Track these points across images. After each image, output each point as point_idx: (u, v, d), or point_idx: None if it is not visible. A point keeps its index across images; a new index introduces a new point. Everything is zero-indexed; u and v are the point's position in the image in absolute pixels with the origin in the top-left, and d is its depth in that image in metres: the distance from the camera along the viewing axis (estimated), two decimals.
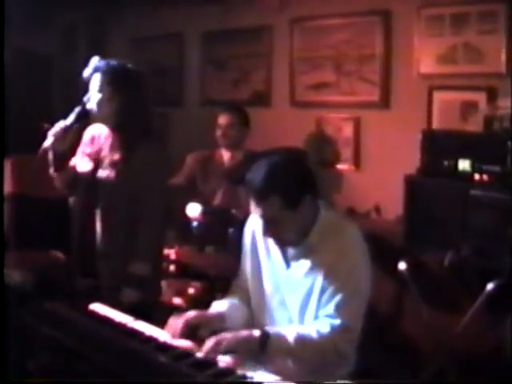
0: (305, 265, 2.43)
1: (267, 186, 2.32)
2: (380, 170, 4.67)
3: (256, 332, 2.28)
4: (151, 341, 2.31)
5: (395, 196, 4.05)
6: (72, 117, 3.13)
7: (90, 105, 3.15)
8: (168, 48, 6.15)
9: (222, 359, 2.17)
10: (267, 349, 2.25)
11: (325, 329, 2.31)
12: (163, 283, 3.71)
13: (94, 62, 3.17)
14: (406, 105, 4.57)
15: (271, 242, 2.52)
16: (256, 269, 2.58)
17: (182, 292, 3.81)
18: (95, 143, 3.29)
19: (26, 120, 5.03)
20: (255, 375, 2.07)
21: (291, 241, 2.44)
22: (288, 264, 2.48)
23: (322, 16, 4.99)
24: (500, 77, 4.07)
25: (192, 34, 5.97)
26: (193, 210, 3.87)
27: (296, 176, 2.39)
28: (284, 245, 2.47)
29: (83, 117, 3.16)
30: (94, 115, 3.18)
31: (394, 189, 4.05)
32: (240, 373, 2.08)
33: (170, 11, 5.93)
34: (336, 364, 2.39)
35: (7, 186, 4.52)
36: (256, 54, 5.47)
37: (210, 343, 2.22)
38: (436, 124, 4.38)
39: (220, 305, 2.58)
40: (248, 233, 2.64)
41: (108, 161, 3.19)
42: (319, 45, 5.02)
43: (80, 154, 3.32)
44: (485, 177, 3.63)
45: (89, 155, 3.27)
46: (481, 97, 4.15)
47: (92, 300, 2.69)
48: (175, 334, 2.36)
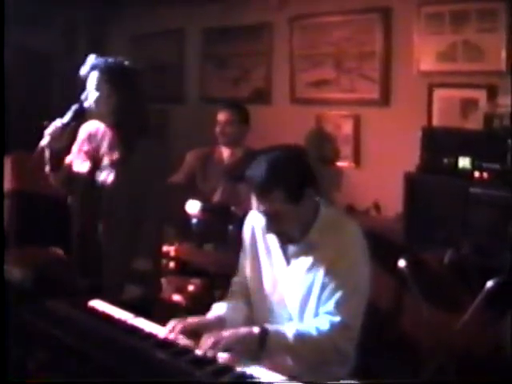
0: (305, 262, 2.43)
1: (269, 181, 2.31)
2: (380, 168, 4.67)
3: (255, 329, 2.28)
4: (151, 337, 2.31)
5: (395, 193, 4.05)
6: (69, 115, 3.12)
7: (88, 103, 3.14)
8: (168, 45, 6.15)
9: (221, 356, 2.17)
10: (266, 346, 2.24)
11: (324, 326, 2.30)
12: (163, 280, 3.71)
13: (91, 60, 3.17)
14: (406, 102, 4.56)
15: (271, 240, 2.52)
16: (255, 266, 2.58)
17: (182, 289, 3.80)
18: (92, 141, 3.27)
19: (26, 118, 5.03)
20: (255, 372, 2.07)
21: (293, 237, 2.44)
22: (288, 261, 2.48)
23: (322, 13, 4.98)
24: (500, 74, 4.06)
25: (192, 32, 5.97)
26: (192, 207, 3.87)
27: (297, 169, 2.39)
28: (286, 241, 2.47)
29: (80, 115, 3.15)
30: (92, 113, 3.18)
31: (394, 186, 4.05)
32: (239, 370, 2.08)
33: (171, 9, 5.93)
34: (335, 362, 2.39)
35: (7, 183, 4.52)
36: (256, 52, 5.47)
37: (208, 341, 2.21)
38: (436, 121, 4.38)
39: (220, 308, 2.56)
40: (247, 230, 2.64)
41: (107, 159, 3.18)
42: (319, 42, 5.02)
43: (76, 152, 3.30)
44: (485, 174, 3.63)
45: (86, 153, 3.26)
46: (481, 94, 4.14)
47: (92, 297, 2.69)
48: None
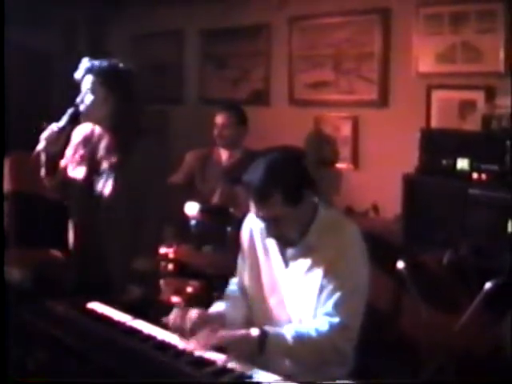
0: (303, 264, 2.42)
1: (268, 185, 2.30)
2: (378, 169, 4.67)
3: (254, 331, 2.27)
4: (150, 339, 2.32)
5: (393, 195, 4.05)
6: (65, 119, 3.10)
7: (84, 106, 3.10)
8: (168, 46, 6.16)
9: (218, 357, 2.17)
10: (266, 348, 2.24)
11: (323, 327, 2.30)
12: (162, 282, 3.71)
13: (85, 64, 3.13)
14: (405, 103, 4.57)
15: (269, 241, 2.51)
16: (254, 268, 2.57)
17: (181, 291, 3.80)
18: (88, 144, 3.23)
19: (26, 118, 5.02)
20: (254, 373, 2.07)
21: (292, 240, 2.43)
22: (286, 263, 2.48)
23: (321, 14, 4.99)
24: (498, 76, 4.07)
25: (192, 32, 5.97)
26: (191, 209, 3.87)
27: (295, 171, 2.38)
28: (285, 245, 2.46)
29: (76, 118, 3.12)
30: (88, 116, 3.13)
31: (393, 188, 4.06)
32: (239, 371, 2.08)
33: (170, 9, 5.93)
34: (335, 363, 2.39)
35: (7, 184, 4.51)
36: (255, 53, 5.47)
37: (201, 337, 2.21)
38: (434, 123, 4.38)
39: (219, 305, 2.58)
40: (246, 232, 2.64)
41: (106, 163, 3.14)
42: (318, 43, 5.02)
43: (70, 156, 3.25)
44: (483, 176, 3.63)
45: (82, 157, 3.22)
46: (479, 96, 4.15)
47: (92, 298, 2.69)
48: (180, 331, 2.34)
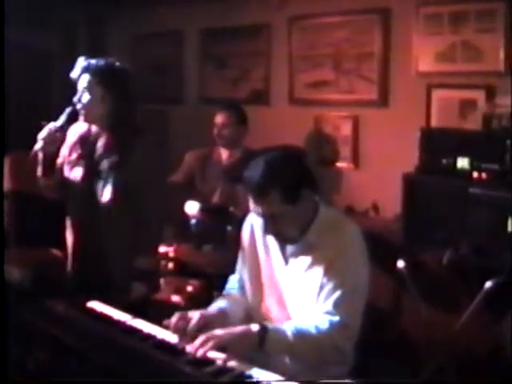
0: (303, 262, 2.43)
1: (266, 182, 2.31)
2: (378, 169, 4.67)
3: (254, 327, 2.26)
4: (150, 338, 2.31)
5: (394, 194, 4.05)
6: (62, 118, 3.09)
7: (81, 106, 3.09)
8: (167, 46, 6.15)
9: (218, 356, 2.17)
10: (266, 344, 2.23)
11: (324, 326, 2.30)
12: (162, 281, 3.71)
13: (81, 63, 3.11)
14: (405, 103, 4.57)
15: (270, 239, 2.51)
16: (254, 266, 2.58)
17: (181, 290, 3.80)
18: (85, 144, 3.19)
19: (26, 118, 5.02)
20: (254, 372, 2.07)
21: (291, 237, 2.44)
22: (286, 261, 2.48)
23: (321, 14, 4.99)
24: (499, 75, 4.07)
25: (191, 32, 5.97)
26: (191, 208, 3.87)
27: (294, 170, 2.38)
28: (284, 242, 2.47)
29: (73, 118, 3.11)
30: (86, 116, 3.11)
31: (393, 187, 4.06)
32: (239, 371, 2.08)
33: (170, 9, 5.93)
34: (334, 361, 2.38)
35: (7, 183, 4.52)
36: (255, 53, 5.47)
37: (199, 339, 2.18)
38: (434, 122, 4.38)
39: (220, 302, 2.58)
40: (246, 230, 2.64)
41: (106, 163, 3.11)
42: (318, 43, 5.02)
43: (67, 156, 3.23)
44: (483, 175, 3.63)
45: (79, 157, 3.18)
46: (479, 95, 4.15)
47: (92, 298, 2.69)
48: (181, 334, 2.31)
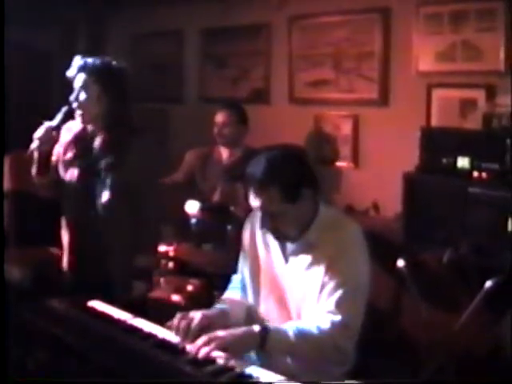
0: (304, 261, 2.43)
1: (267, 178, 2.32)
2: (379, 168, 4.67)
3: (256, 327, 2.26)
4: (150, 338, 2.31)
5: (394, 193, 4.05)
6: (58, 117, 3.08)
7: (77, 105, 3.07)
8: (168, 45, 6.15)
9: (218, 356, 2.16)
10: (267, 344, 2.23)
11: (325, 325, 2.30)
12: (162, 280, 3.71)
13: (78, 62, 3.09)
14: (405, 102, 4.57)
15: (270, 238, 2.51)
16: (255, 265, 2.58)
17: (181, 289, 3.80)
18: (80, 143, 3.17)
19: (26, 118, 5.02)
20: (254, 372, 2.07)
21: (289, 235, 2.44)
22: (286, 259, 2.48)
23: (321, 13, 4.99)
24: (499, 74, 4.07)
25: (192, 32, 5.96)
26: (191, 207, 3.88)
27: (295, 169, 2.39)
28: (282, 239, 2.47)
29: (70, 117, 3.10)
30: (82, 115, 3.09)
31: (393, 186, 4.06)
32: (239, 370, 2.07)
33: (170, 9, 5.93)
34: (336, 361, 2.39)
35: (7, 183, 4.51)
36: (255, 52, 5.47)
37: (201, 341, 2.18)
38: (435, 121, 4.38)
39: (222, 301, 2.58)
40: (247, 229, 2.64)
41: (103, 163, 3.08)
42: (318, 42, 5.02)
43: (61, 155, 3.20)
44: (483, 174, 3.64)
45: (75, 156, 3.16)
46: (480, 94, 4.15)
47: (92, 297, 2.69)
48: (184, 337, 2.30)
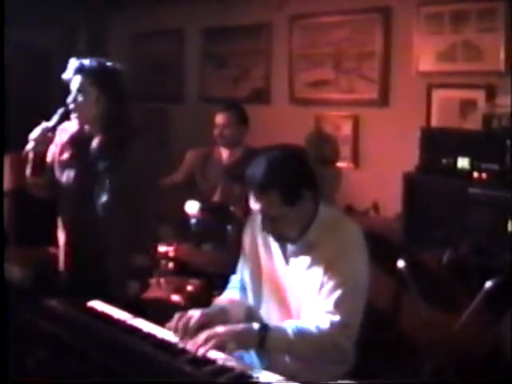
0: (304, 261, 2.43)
1: (267, 181, 2.31)
2: (379, 168, 4.67)
3: (255, 325, 2.26)
4: (150, 338, 2.31)
5: (394, 194, 4.05)
6: (55, 119, 3.07)
7: (75, 106, 3.06)
8: (168, 45, 6.16)
9: (218, 356, 2.16)
10: (266, 342, 2.23)
11: (324, 325, 2.30)
12: (162, 280, 3.71)
13: (74, 64, 3.08)
14: (405, 103, 4.57)
15: (271, 239, 2.52)
16: (255, 266, 2.58)
17: (181, 289, 3.80)
18: (77, 144, 3.15)
19: (26, 118, 5.03)
20: (254, 372, 2.07)
21: (290, 237, 2.44)
22: (287, 260, 2.48)
23: (322, 13, 4.99)
24: (499, 75, 4.07)
25: (192, 31, 5.97)
26: (191, 207, 3.88)
27: (295, 171, 2.38)
28: (283, 241, 2.47)
29: (66, 118, 3.08)
30: (79, 117, 3.08)
31: (393, 187, 4.06)
32: (239, 370, 2.07)
33: (170, 8, 5.93)
34: (335, 361, 2.39)
35: (7, 183, 4.51)
36: (255, 52, 5.47)
37: (200, 338, 2.18)
38: (435, 122, 4.38)
39: (221, 300, 2.59)
40: (247, 230, 2.64)
41: (101, 164, 3.07)
42: (318, 42, 5.02)
43: (57, 156, 3.18)
44: (483, 175, 3.63)
45: (72, 157, 3.14)
46: (480, 95, 4.15)
47: (91, 297, 2.69)
48: (183, 335, 2.30)
